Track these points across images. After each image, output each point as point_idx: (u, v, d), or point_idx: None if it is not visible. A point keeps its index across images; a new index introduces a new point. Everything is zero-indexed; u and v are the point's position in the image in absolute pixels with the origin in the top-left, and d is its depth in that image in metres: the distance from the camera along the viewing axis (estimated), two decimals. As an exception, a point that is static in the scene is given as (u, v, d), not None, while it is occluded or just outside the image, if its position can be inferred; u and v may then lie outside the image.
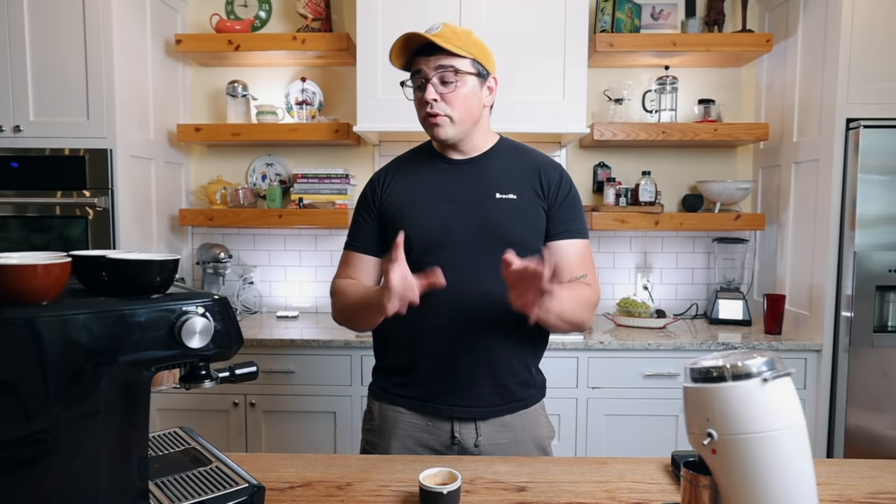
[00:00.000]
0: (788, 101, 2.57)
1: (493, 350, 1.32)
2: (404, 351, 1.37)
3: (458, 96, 1.30)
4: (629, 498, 1.08)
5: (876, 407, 2.28)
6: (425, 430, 1.36)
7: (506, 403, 1.36)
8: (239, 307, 2.80)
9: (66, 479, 0.80)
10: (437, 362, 1.33)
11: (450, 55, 1.28)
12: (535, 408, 1.41)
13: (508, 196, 1.34)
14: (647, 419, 2.34)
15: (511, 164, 1.38)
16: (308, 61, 2.81)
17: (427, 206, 1.35)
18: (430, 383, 1.34)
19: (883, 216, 2.24)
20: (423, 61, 1.29)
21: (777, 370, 0.78)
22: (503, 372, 1.34)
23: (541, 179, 1.37)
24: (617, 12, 2.62)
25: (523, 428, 1.37)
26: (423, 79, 1.30)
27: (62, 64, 2.27)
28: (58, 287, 0.79)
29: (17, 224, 2.32)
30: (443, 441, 1.36)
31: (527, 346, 1.37)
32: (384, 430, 1.39)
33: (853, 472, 1.19)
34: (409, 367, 1.37)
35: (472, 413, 1.34)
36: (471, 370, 1.32)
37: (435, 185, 1.37)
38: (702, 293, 2.90)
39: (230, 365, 0.99)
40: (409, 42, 1.29)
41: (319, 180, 2.67)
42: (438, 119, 1.30)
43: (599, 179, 2.86)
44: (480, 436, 1.34)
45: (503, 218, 1.32)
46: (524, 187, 1.35)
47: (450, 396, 1.34)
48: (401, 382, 1.38)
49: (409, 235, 1.33)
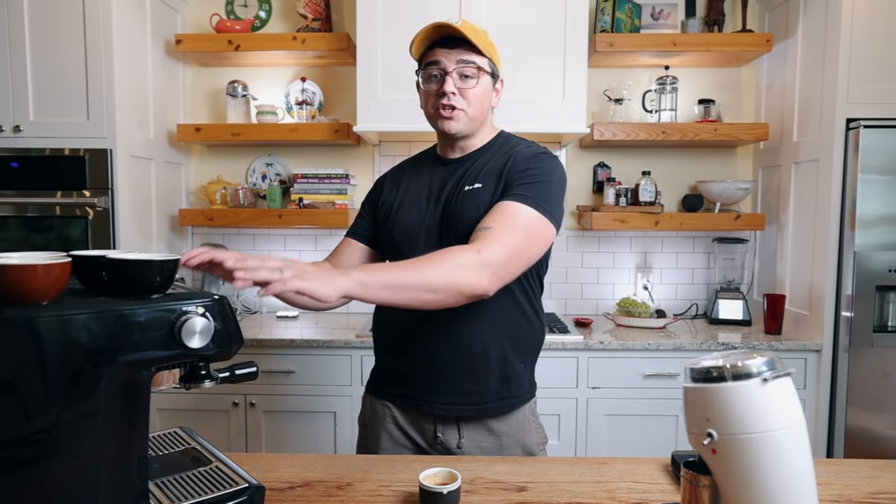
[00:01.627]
0: (788, 101, 2.57)
1: (468, 344, 1.30)
2: (388, 348, 1.40)
3: (476, 93, 1.30)
4: (629, 498, 1.08)
5: (876, 407, 2.28)
6: (411, 426, 1.38)
7: (487, 402, 1.32)
8: (239, 307, 2.80)
9: (66, 479, 0.80)
10: (416, 360, 1.33)
11: (473, 51, 1.28)
12: (521, 412, 1.37)
13: (474, 186, 1.30)
14: (647, 419, 2.34)
15: (493, 156, 1.34)
16: (308, 61, 2.81)
17: (411, 206, 1.37)
18: (411, 381, 1.35)
19: (883, 216, 2.24)
20: (444, 53, 1.28)
21: (777, 370, 0.78)
22: (481, 367, 1.31)
23: (508, 161, 1.29)
24: (617, 12, 2.62)
25: (508, 433, 1.35)
26: (441, 71, 1.28)
27: (62, 64, 2.27)
28: (58, 287, 0.79)
29: (17, 224, 2.32)
30: (427, 439, 1.37)
31: (508, 342, 1.32)
32: (374, 424, 1.42)
33: (853, 472, 1.19)
34: (393, 365, 1.39)
35: (454, 411, 1.33)
36: (449, 367, 1.31)
37: (424, 185, 1.38)
38: (702, 293, 2.90)
39: (230, 365, 0.99)
40: (433, 32, 1.28)
41: (319, 180, 2.67)
42: (453, 112, 1.29)
43: (599, 179, 2.86)
44: (463, 437, 1.34)
45: (463, 210, 1.29)
46: (492, 175, 1.29)
47: (430, 394, 1.33)
48: (388, 379, 1.41)
49: (392, 237, 1.37)
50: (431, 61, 1.29)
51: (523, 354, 1.37)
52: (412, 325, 1.32)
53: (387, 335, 1.41)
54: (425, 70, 1.31)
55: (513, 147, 1.35)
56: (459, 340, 1.30)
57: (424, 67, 1.32)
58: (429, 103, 1.32)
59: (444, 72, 1.28)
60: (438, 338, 1.31)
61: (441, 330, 1.30)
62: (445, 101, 1.28)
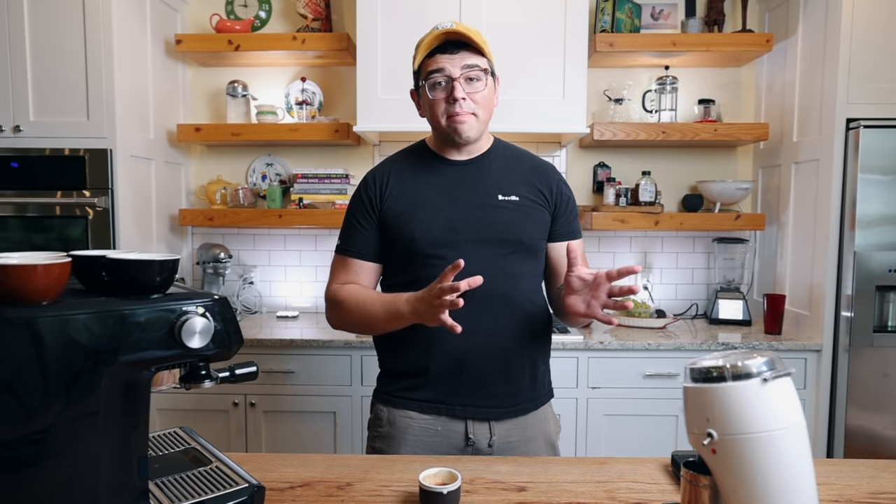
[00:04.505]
0: (788, 101, 2.57)
1: (505, 350, 1.32)
2: (415, 354, 1.34)
3: (484, 95, 1.31)
4: (629, 498, 1.08)
5: (876, 407, 2.28)
6: (437, 434, 1.34)
7: (519, 403, 1.36)
8: (239, 307, 2.80)
9: (66, 479, 0.80)
10: (450, 364, 1.32)
11: (475, 54, 1.28)
12: (546, 405, 1.43)
13: (511, 198, 1.35)
14: (647, 419, 2.34)
15: (509, 166, 1.39)
16: (308, 61, 2.81)
17: (429, 209, 1.33)
18: (442, 385, 1.32)
19: (883, 216, 2.24)
20: (447, 59, 1.27)
21: (777, 370, 0.78)
22: (516, 372, 1.34)
23: (540, 182, 1.39)
24: (617, 12, 2.62)
25: (534, 424, 1.39)
26: (447, 77, 1.27)
27: (62, 64, 2.27)
28: (58, 287, 0.79)
29: (17, 224, 2.32)
30: (456, 443, 1.34)
31: (537, 344, 1.38)
32: (394, 436, 1.36)
33: (853, 472, 1.19)
34: (420, 370, 1.34)
35: (486, 413, 1.33)
36: (484, 371, 1.32)
37: (435, 186, 1.36)
38: (702, 293, 2.90)
39: (230, 365, 0.99)
40: (437, 40, 1.27)
41: (319, 180, 2.67)
42: (466, 117, 1.29)
43: (599, 179, 2.86)
44: (494, 435, 1.34)
45: (508, 220, 1.33)
46: (525, 189, 1.37)
47: (463, 397, 1.32)
48: (411, 386, 1.35)
49: (413, 238, 1.32)
50: (435, 69, 1.28)
51: (546, 355, 1.44)
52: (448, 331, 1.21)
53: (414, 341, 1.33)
54: (429, 78, 1.29)
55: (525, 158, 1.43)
56: (497, 346, 1.32)
57: (427, 76, 1.29)
58: (437, 111, 1.30)
59: (449, 78, 1.27)
60: (474, 342, 1.29)
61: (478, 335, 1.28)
62: (458, 108, 1.27)
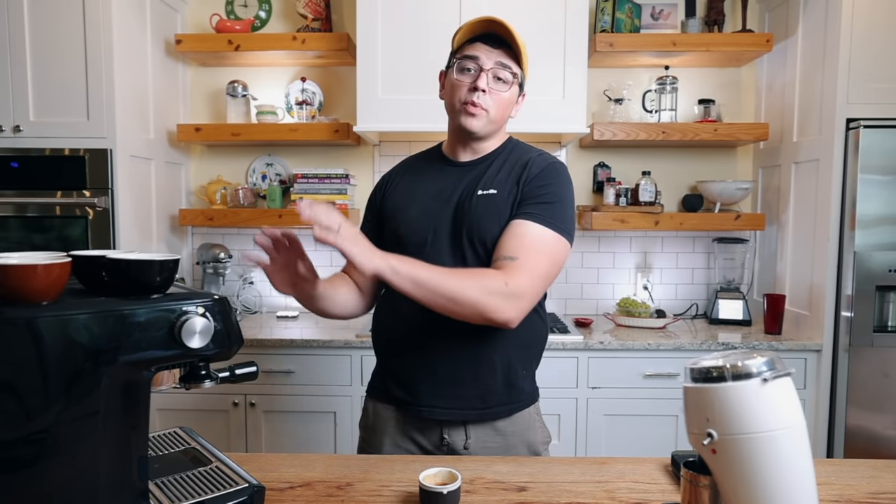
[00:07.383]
0: (788, 101, 2.57)
1: (475, 351, 1.30)
2: (391, 351, 1.38)
3: (503, 98, 1.30)
4: (629, 498, 1.08)
5: (876, 407, 2.28)
6: (416, 430, 1.36)
7: (491, 407, 1.33)
8: (239, 307, 2.80)
9: (65, 479, 0.80)
10: (420, 363, 1.32)
11: (512, 57, 1.28)
12: (527, 411, 1.37)
13: (489, 192, 1.30)
14: (647, 419, 2.34)
15: (507, 162, 1.35)
16: (308, 61, 2.81)
17: (419, 207, 1.34)
18: (415, 384, 1.33)
19: (883, 216, 2.24)
20: (485, 50, 1.27)
21: (777, 370, 0.78)
22: (486, 373, 1.31)
23: (524, 171, 1.31)
24: (617, 12, 2.62)
25: (514, 433, 1.35)
26: (477, 66, 1.27)
27: (62, 64, 2.27)
28: (58, 287, 0.79)
29: (17, 224, 2.32)
30: (433, 441, 1.35)
31: (512, 346, 1.32)
32: (377, 428, 1.40)
33: (853, 472, 1.19)
34: (396, 368, 1.36)
35: (456, 415, 1.32)
36: (453, 371, 1.30)
37: (432, 185, 1.36)
38: (702, 293, 2.90)
39: (230, 365, 0.99)
40: (480, 26, 1.27)
41: (319, 180, 2.67)
42: (479, 111, 1.28)
43: (599, 179, 2.86)
44: (470, 438, 1.33)
45: (477, 214, 1.29)
46: (508, 182, 1.31)
47: (434, 398, 1.32)
48: (392, 383, 1.38)
49: (398, 235, 1.34)
50: (470, 55, 1.28)
51: (527, 361, 1.38)
52: (414, 324, 1.30)
53: (387, 335, 1.39)
54: (461, 61, 1.29)
55: (525, 154, 1.35)
56: (465, 346, 1.30)
57: (461, 58, 1.29)
58: (455, 95, 1.30)
59: (480, 68, 1.27)
60: (442, 341, 1.29)
61: (446, 333, 1.28)
62: (475, 97, 1.27)
